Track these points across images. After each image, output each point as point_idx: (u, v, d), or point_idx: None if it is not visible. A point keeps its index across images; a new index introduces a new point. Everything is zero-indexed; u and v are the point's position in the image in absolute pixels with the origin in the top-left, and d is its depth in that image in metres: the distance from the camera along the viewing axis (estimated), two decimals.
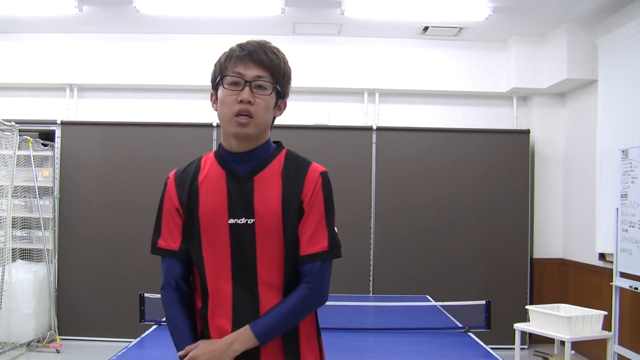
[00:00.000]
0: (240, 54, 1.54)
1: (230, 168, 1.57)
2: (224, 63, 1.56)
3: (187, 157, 6.67)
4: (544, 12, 5.30)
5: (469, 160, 5.97)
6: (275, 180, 1.55)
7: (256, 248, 1.52)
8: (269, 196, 1.53)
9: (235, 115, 1.51)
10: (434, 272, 5.82)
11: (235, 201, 1.53)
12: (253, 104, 1.51)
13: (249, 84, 1.51)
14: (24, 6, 5.33)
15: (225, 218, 1.53)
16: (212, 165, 1.60)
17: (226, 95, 1.53)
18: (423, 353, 3.17)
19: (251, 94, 1.50)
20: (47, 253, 5.65)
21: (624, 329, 4.60)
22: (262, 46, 1.56)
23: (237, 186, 1.54)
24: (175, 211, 1.60)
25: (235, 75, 1.52)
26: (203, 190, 1.57)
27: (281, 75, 1.56)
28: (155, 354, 3.04)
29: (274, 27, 5.83)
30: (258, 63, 1.52)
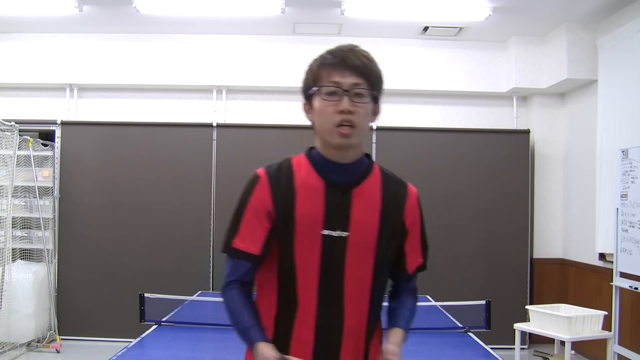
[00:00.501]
0: (333, 61, 1.48)
1: (329, 178, 1.51)
2: (317, 71, 1.50)
3: (188, 157, 6.67)
4: (544, 12, 5.30)
5: (469, 160, 5.97)
6: (374, 196, 1.54)
7: (345, 262, 1.49)
8: (367, 211, 1.51)
9: (336, 126, 1.45)
10: (434, 272, 5.78)
11: (332, 212, 1.49)
12: (354, 113, 1.46)
13: (347, 93, 1.46)
14: (24, 6, 5.32)
15: (320, 228, 1.48)
16: (308, 172, 1.52)
17: (325, 106, 1.47)
18: (423, 353, 3.16)
19: (351, 103, 1.45)
20: (47, 253, 5.65)
21: (624, 329, 4.60)
22: (353, 50, 1.52)
23: (335, 197, 1.50)
24: (265, 214, 1.50)
25: (333, 84, 1.46)
26: (300, 197, 1.49)
27: (376, 81, 1.52)
28: (155, 354, 3.05)
29: (274, 27, 5.84)
30: (353, 70, 1.47)
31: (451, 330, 3.57)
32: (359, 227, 1.50)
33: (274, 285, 1.52)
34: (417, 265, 1.65)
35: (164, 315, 3.70)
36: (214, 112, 6.14)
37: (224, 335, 3.36)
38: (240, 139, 5.92)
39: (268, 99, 6.18)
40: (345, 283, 1.49)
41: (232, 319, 1.51)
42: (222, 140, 5.94)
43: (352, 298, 1.50)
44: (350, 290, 1.50)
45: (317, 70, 1.50)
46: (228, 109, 6.19)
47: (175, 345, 3.21)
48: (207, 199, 5.87)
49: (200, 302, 4.30)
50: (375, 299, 1.54)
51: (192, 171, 5.90)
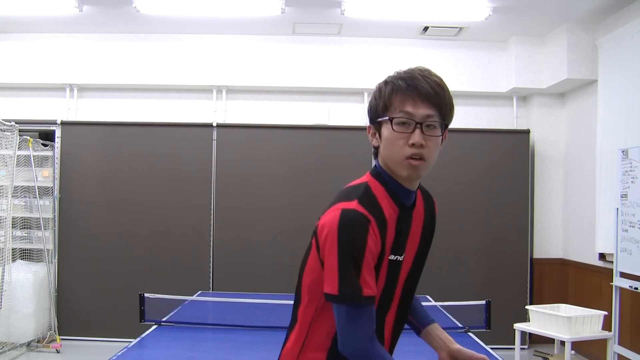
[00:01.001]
0: (406, 90, 1.41)
1: (402, 205, 1.48)
2: (388, 98, 1.44)
3: (188, 157, 6.66)
4: (544, 12, 5.30)
5: (469, 160, 5.97)
6: (420, 215, 1.57)
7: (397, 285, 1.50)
8: (415, 231, 1.53)
9: (407, 158, 1.42)
10: (434, 272, 5.79)
11: (399, 238, 1.46)
12: (425, 147, 1.43)
13: (419, 126, 1.41)
14: (24, 6, 5.32)
15: (387, 253, 1.43)
16: (388, 201, 1.46)
17: (396, 138, 1.42)
18: (423, 353, 3.15)
19: (422, 136, 1.41)
20: (47, 253, 5.65)
21: (624, 329, 4.60)
22: (426, 77, 1.43)
23: (403, 223, 1.48)
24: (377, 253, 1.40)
25: (405, 116, 1.41)
26: (389, 232, 1.43)
27: (448, 111, 1.47)
28: (155, 354, 3.05)
29: (274, 27, 5.84)
30: (427, 101, 1.41)
31: (451, 330, 3.56)
32: (408, 249, 1.51)
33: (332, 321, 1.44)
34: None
35: (164, 315, 3.70)
36: (214, 112, 6.14)
37: (224, 335, 3.36)
38: (240, 139, 5.92)
39: (268, 99, 6.19)
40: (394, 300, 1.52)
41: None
42: (222, 140, 5.94)
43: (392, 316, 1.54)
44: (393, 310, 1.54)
45: (388, 96, 1.44)
46: (228, 109, 6.19)
47: (175, 345, 3.21)
48: (207, 199, 5.87)
49: (200, 302, 4.30)
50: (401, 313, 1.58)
51: (192, 171, 5.90)
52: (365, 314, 1.36)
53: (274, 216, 5.86)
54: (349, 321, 1.36)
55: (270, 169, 5.88)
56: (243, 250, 5.81)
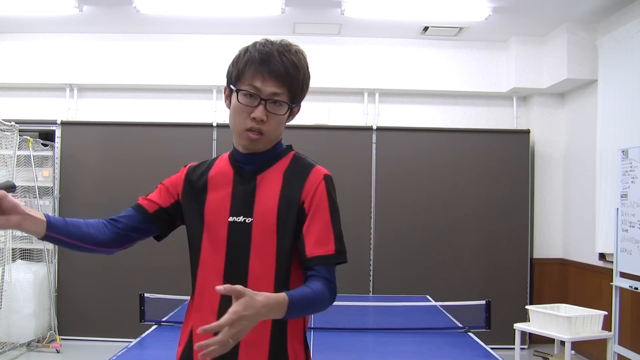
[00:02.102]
0: (259, 65, 1.45)
1: (238, 167, 1.56)
2: (242, 68, 1.48)
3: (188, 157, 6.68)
4: (544, 12, 5.30)
5: (469, 160, 5.97)
6: (276, 181, 1.53)
7: (250, 248, 1.49)
8: (269, 196, 1.51)
9: (246, 130, 1.49)
10: (434, 272, 5.82)
11: (238, 199, 1.52)
12: (265, 123, 1.47)
13: (264, 102, 1.45)
14: (24, 6, 5.32)
15: (226, 216, 1.51)
16: (224, 163, 1.60)
17: (240, 108, 1.48)
18: (423, 353, 3.17)
19: (265, 112, 1.46)
20: (47, 253, 5.65)
21: (624, 329, 4.60)
22: (283, 55, 1.47)
23: (241, 185, 1.53)
24: (175, 191, 1.62)
25: (251, 89, 1.46)
26: (211, 186, 1.56)
27: (299, 91, 1.51)
28: (155, 354, 3.05)
29: (274, 27, 5.83)
30: (276, 79, 1.45)
31: (451, 330, 3.57)
32: (261, 213, 1.50)
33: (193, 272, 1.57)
34: (327, 252, 1.46)
35: (164, 315, 3.70)
36: (214, 112, 6.14)
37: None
38: None
39: None
40: (250, 269, 1.48)
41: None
42: (222, 140, 5.94)
43: (256, 284, 1.43)
44: (255, 277, 1.48)
45: (242, 67, 1.48)
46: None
47: (175, 345, 3.20)
48: None
49: None
50: (280, 286, 1.45)
51: None
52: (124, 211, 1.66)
53: None
54: None
55: None
56: None
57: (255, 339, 1.44)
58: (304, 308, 1.37)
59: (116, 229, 1.59)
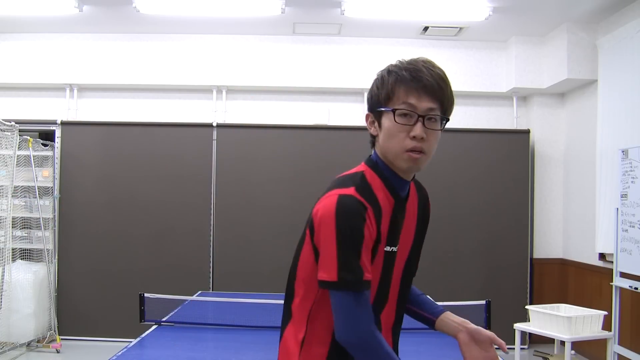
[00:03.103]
0: (410, 82, 1.40)
1: (398, 196, 1.47)
2: (391, 88, 1.42)
3: (188, 157, 6.63)
4: (544, 12, 5.30)
5: (469, 160, 5.97)
6: (414, 208, 1.57)
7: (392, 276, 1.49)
8: (409, 223, 1.53)
9: (407, 151, 1.41)
10: (434, 272, 5.82)
11: (393, 228, 1.45)
12: (425, 140, 1.41)
13: (421, 119, 1.40)
14: (24, 6, 5.32)
15: (383, 245, 1.43)
16: (383, 191, 1.45)
17: (397, 129, 1.41)
18: (423, 353, 3.17)
19: (424, 129, 1.40)
20: (47, 253, 5.65)
21: (624, 329, 4.60)
22: (430, 70, 1.42)
23: (398, 214, 1.47)
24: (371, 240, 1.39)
25: (408, 108, 1.39)
26: (384, 223, 1.43)
27: (449, 105, 1.45)
28: (155, 354, 3.05)
29: (274, 27, 5.84)
30: (430, 94, 1.40)
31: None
32: (403, 240, 1.51)
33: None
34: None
35: (164, 315, 3.70)
36: (214, 112, 6.14)
37: (224, 335, 3.36)
38: (240, 139, 5.92)
39: (268, 99, 6.19)
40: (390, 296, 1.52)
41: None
42: (222, 140, 5.94)
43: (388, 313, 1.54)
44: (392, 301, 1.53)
45: (392, 86, 1.43)
46: (228, 109, 6.19)
47: (175, 345, 3.21)
48: (207, 199, 5.87)
49: (200, 302, 4.30)
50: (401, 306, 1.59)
51: (192, 171, 5.90)
52: (365, 300, 1.34)
53: (274, 216, 5.86)
54: (349, 308, 1.33)
55: (270, 169, 5.88)
56: (243, 250, 5.81)
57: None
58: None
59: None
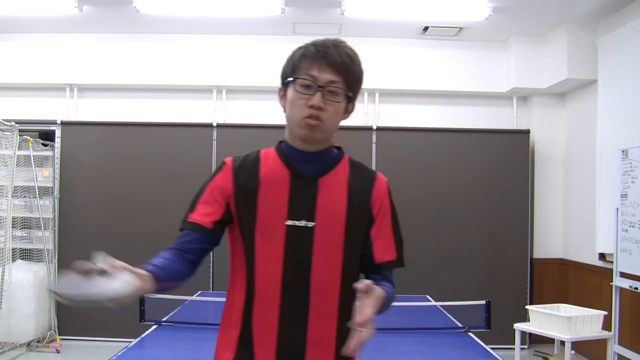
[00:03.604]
0: (315, 55, 1.47)
1: (294, 168, 1.52)
2: (297, 62, 1.49)
3: (188, 157, 6.67)
4: (544, 12, 5.30)
5: (469, 160, 5.97)
6: (341, 186, 1.53)
7: (312, 253, 1.47)
8: (334, 201, 1.50)
9: (304, 118, 1.46)
10: (434, 272, 5.82)
11: (297, 203, 1.48)
12: (323, 110, 1.46)
13: (321, 89, 1.46)
14: (24, 6, 5.32)
15: (283, 219, 1.47)
16: (274, 163, 1.53)
17: (297, 98, 1.47)
18: (423, 353, 3.17)
19: (322, 100, 1.46)
20: (47, 253, 5.65)
21: (624, 329, 4.60)
22: (338, 47, 1.51)
23: (300, 187, 1.50)
24: (224, 197, 1.51)
25: (308, 78, 1.46)
26: (264, 188, 1.50)
27: (354, 81, 1.52)
28: (155, 354, 3.05)
29: (274, 27, 5.84)
30: (332, 67, 1.47)
31: (451, 330, 3.57)
32: (325, 217, 1.49)
33: (241, 282, 1.52)
34: (390, 259, 1.57)
35: (164, 315, 3.70)
36: (214, 112, 6.14)
37: None
38: (240, 139, 5.90)
39: (268, 99, 6.18)
40: (313, 275, 1.47)
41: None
42: (222, 140, 5.94)
43: (319, 290, 1.47)
44: (318, 282, 1.47)
45: (297, 60, 1.50)
46: (228, 109, 6.19)
47: (175, 345, 3.21)
48: None
49: (200, 302, 4.30)
50: (345, 291, 1.48)
51: (192, 171, 5.88)
52: (181, 235, 1.53)
53: None
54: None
55: None
56: None
57: (322, 337, 1.47)
58: (386, 307, 1.49)
59: (189, 258, 1.51)
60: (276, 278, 1.47)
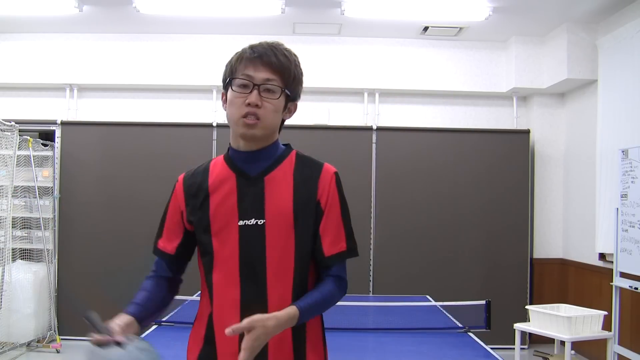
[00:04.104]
0: (250, 55, 1.54)
1: (239, 169, 1.57)
2: (234, 64, 1.56)
3: (187, 157, 6.68)
4: (544, 12, 5.30)
5: (469, 160, 5.97)
6: (286, 181, 1.55)
7: (266, 249, 1.51)
8: (281, 196, 1.53)
9: (242, 117, 1.51)
10: (434, 272, 5.82)
11: (246, 202, 1.53)
12: (261, 107, 1.51)
13: (257, 87, 1.51)
14: (24, 6, 5.33)
15: (236, 220, 1.52)
16: (221, 168, 1.60)
17: (235, 97, 1.53)
18: (423, 353, 3.17)
19: (259, 97, 1.50)
20: (47, 253, 5.65)
21: (624, 329, 4.60)
22: (273, 48, 1.56)
23: (247, 187, 1.54)
24: (179, 213, 1.62)
25: (244, 77, 1.52)
26: (213, 193, 1.56)
27: (291, 79, 1.56)
28: None
29: (274, 27, 5.83)
30: (268, 66, 1.52)
31: (451, 330, 3.57)
32: (274, 214, 1.52)
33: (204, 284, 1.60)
34: (340, 250, 1.56)
35: (164, 315, 3.70)
36: (214, 112, 6.14)
37: None
38: None
39: None
40: (268, 270, 1.51)
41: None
42: (222, 140, 5.93)
43: (275, 284, 1.51)
44: (273, 277, 1.51)
45: (235, 63, 1.55)
46: None
47: (175, 345, 3.20)
48: None
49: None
50: (299, 283, 1.52)
51: None
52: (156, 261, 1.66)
53: None
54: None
55: None
56: None
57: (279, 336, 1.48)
58: (315, 311, 1.50)
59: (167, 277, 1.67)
60: (234, 276, 1.52)
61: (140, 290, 1.63)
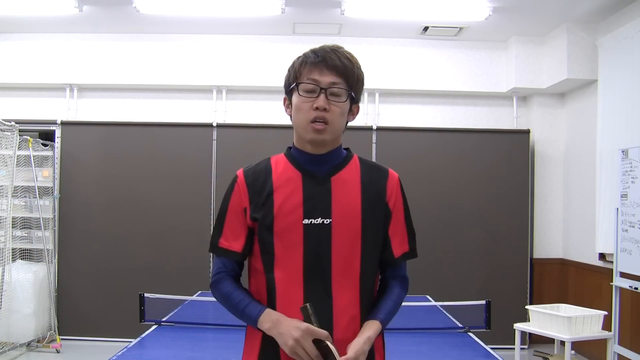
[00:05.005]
0: (315, 59, 1.54)
1: (306, 169, 1.56)
2: (298, 69, 1.56)
3: (188, 157, 6.65)
4: (544, 12, 5.30)
5: (469, 160, 5.97)
6: (354, 183, 1.57)
7: (331, 249, 1.51)
8: (349, 197, 1.54)
9: (311, 122, 1.51)
10: (433, 272, 5.81)
11: (311, 201, 1.52)
12: (328, 111, 1.51)
13: (324, 91, 1.52)
14: (24, 6, 5.32)
15: (300, 218, 1.51)
16: (285, 166, 1.58)
17: (302, 102, 1.53)
18: (423, 353, 3.17)
19: (327, 101, 1.51)
20: (47, 253, 5.65)
21: (624, 329, 4.60)
22: (336, 51, 1.57)
23: (313, 187, 1.54)
24: (242, 211, 1.57)
25: (311, 82, 1.53)
26: (278, 191, 1.54)
27: (355, 81, 1.57)
28: (155, 354, 3.05)
29: (274, 27, 5.84)
30: (333, 69, 1.53)
31: (451, 330, 3.57)
32: (341, 214, 1.52)
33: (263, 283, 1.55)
34: (404, 251, 1.65)
35: (164, 315, 3.70)
36: (214, 112, 6.14)
37: (224, 335, 3.36)
38: (240, 139, 5.92)
39: (268, 99, 6.18)
40: (333, 270, 1.51)
41: (229, 305, 1.57)
42: (222, 140, 5.94)
43: (340, 284, 1.51)
44: (339, 277, 1.51)
45: (298, 67, 1.56)
46: (228, 109, 6.19)
47: (175, 345, 3.21)
48: (207, 199, 5.87)
49: (200, 302, 4.30)
50: (366, 284, 1.54)
51: (192, 171, 5.90)
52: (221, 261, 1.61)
53: None
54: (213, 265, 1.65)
55: None
56: None
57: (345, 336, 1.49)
58: (391, 318, 1.59)
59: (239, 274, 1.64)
60: (297, 275, 1.50)
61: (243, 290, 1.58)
